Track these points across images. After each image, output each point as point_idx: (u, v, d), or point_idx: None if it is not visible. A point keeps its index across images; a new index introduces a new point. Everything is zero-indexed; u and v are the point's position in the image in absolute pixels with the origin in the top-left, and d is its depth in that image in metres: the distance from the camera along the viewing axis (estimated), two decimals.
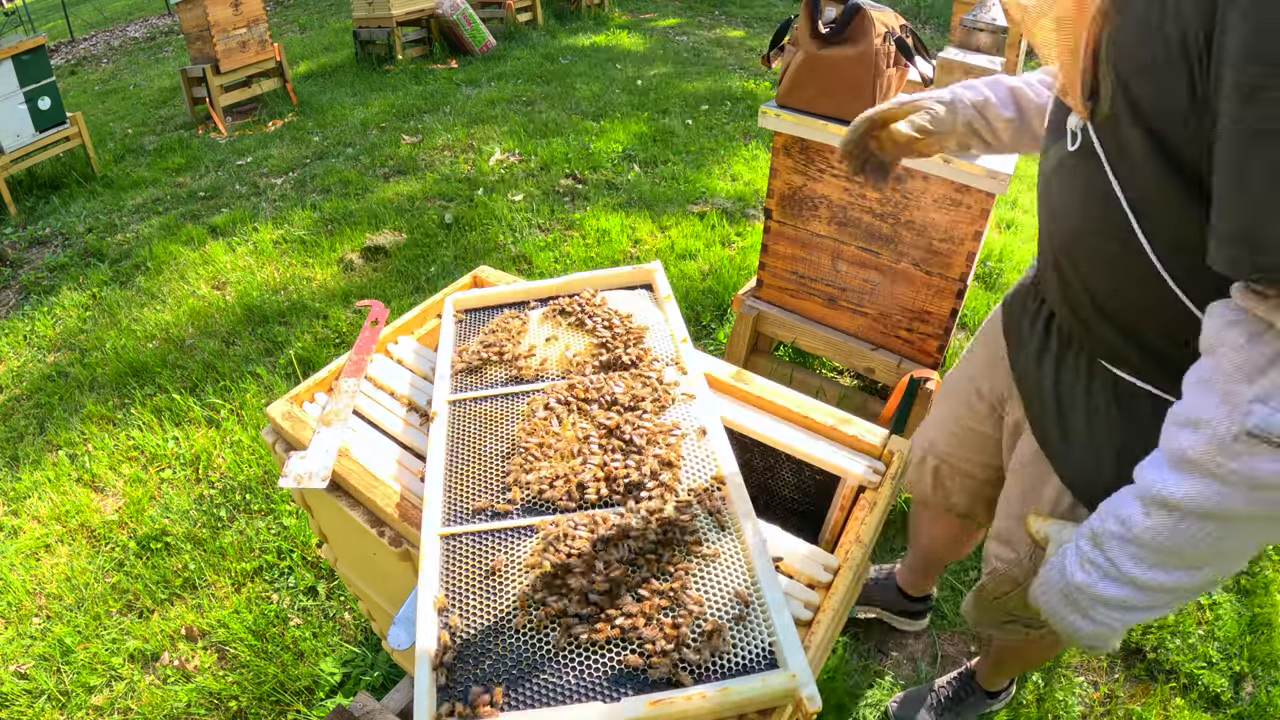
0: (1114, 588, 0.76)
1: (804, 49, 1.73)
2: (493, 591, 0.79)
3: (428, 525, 0.86)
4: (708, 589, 0.76)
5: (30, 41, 3.96)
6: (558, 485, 0.88)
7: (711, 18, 7.75)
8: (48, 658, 1.85)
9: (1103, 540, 0.75)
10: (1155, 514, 0.69)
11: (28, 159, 4.13)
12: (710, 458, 0.90)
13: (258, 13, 5.18)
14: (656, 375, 1.00)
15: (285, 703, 1.72)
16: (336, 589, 1.97)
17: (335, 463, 0.98)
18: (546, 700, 0.69)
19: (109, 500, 2.29)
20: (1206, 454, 0.64)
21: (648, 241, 3.48)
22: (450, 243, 3.50)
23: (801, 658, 0.69)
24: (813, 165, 1.87)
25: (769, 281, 2.13)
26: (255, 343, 2.89)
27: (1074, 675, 1.79)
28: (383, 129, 4.84)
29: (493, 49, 6.36)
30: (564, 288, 1.19)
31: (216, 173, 4.46)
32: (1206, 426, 0.64)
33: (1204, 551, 0.69)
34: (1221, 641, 1.85)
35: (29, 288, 3.40)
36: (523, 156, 4.36)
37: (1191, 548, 0.69)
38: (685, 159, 4.28)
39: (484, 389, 1.04)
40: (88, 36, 8.91)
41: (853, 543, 0.89)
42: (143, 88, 6.42)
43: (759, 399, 1.06)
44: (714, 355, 2.45)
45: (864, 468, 0.97)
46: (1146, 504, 0.70)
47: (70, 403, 2.67)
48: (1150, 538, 0.70)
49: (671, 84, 5.49)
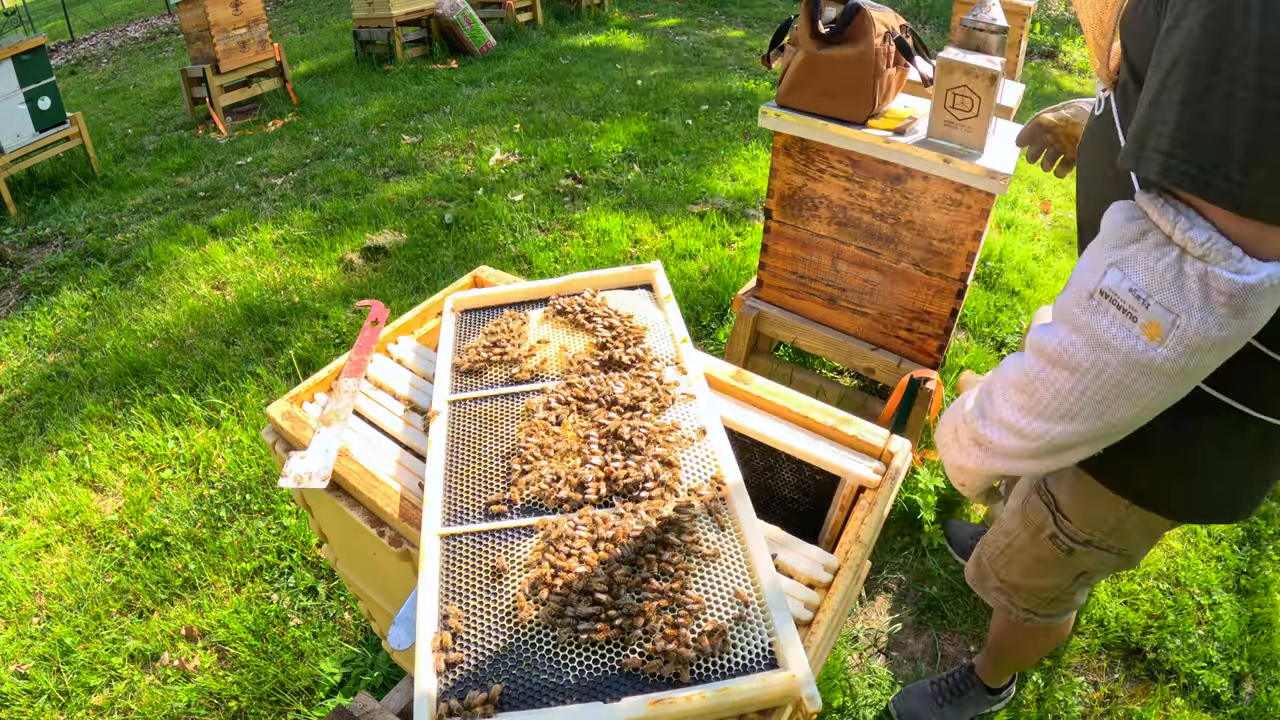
0: (990, 429, 0.85)
1: (804, 49, 1.73)
2: (493, 591, 0.79)
3: (428, 525, 0.86)
4: (708, 589, 0.76)
5: (30, 41, 3.96)
6: (558, 485, 0.88)
7: (711, 18, 7.75)
8: (48, 658, 1.85)
9: (991, 385, 0.86)
10: (1029, 360, 0.79)
11: (28, 159, 4.13)
12: (710, 458, 0.90)
13: (258, 13, 5.18)
14: (656, 375, 1.00)
15: (285, 703, 1.72)
16: (336, 589, 1.97)
17: (335, 463, 0.98)
18: (546, 700, 0.69)
19: (109, 500, 2.29)
20: (1067, 304, 0.74)
21: (648, 241, 3.48)
22: (450, 243, 3.50)
23: (802, 658, 0.69)
24: (813, 165, 1.87)
25: (769, 281, 2.13)
26: (255, 343, 2.89)
27: (1074, 675, 1.79)
28: (383, 129, 4.84)
29: (493, 49, 6.36)
30: (564, 288, 1.18)
31: (216, 173, 4.46)
32: (1074, 283, 0.74)
33: (1064, 404, 0.76)
34: (1221, 641, 1.85)
35: (29, 288, 3.40)
36: (523, 156, 4.36)
37: (1051, 396, 0.77)
38: (685, 159, 4.28)
39: (484, 389, 1.04)
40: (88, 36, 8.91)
41: (853, 543, 0.89)
42: (143, 88, 6.42)
43: (759, 399, 1.06)
44: (714, 355, 2.45)
45: (864, 468, 0.97)
46: (1026, 352, 0.80)
47: (70, 403, 2.67)
48: (1021, 380, 0.79)
49: (671, 84, 5.49)
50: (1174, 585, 1.99)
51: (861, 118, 1.73)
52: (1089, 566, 1.14)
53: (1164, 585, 1.98)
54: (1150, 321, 0.68)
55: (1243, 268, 0.64)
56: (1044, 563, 1.17)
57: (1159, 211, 0.67)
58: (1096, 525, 1.06)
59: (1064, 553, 1.13)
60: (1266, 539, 2.11)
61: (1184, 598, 1.95)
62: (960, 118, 1.60)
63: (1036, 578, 1.21)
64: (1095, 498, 1.04)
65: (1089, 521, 1.07)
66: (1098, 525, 1.06)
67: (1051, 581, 1.19)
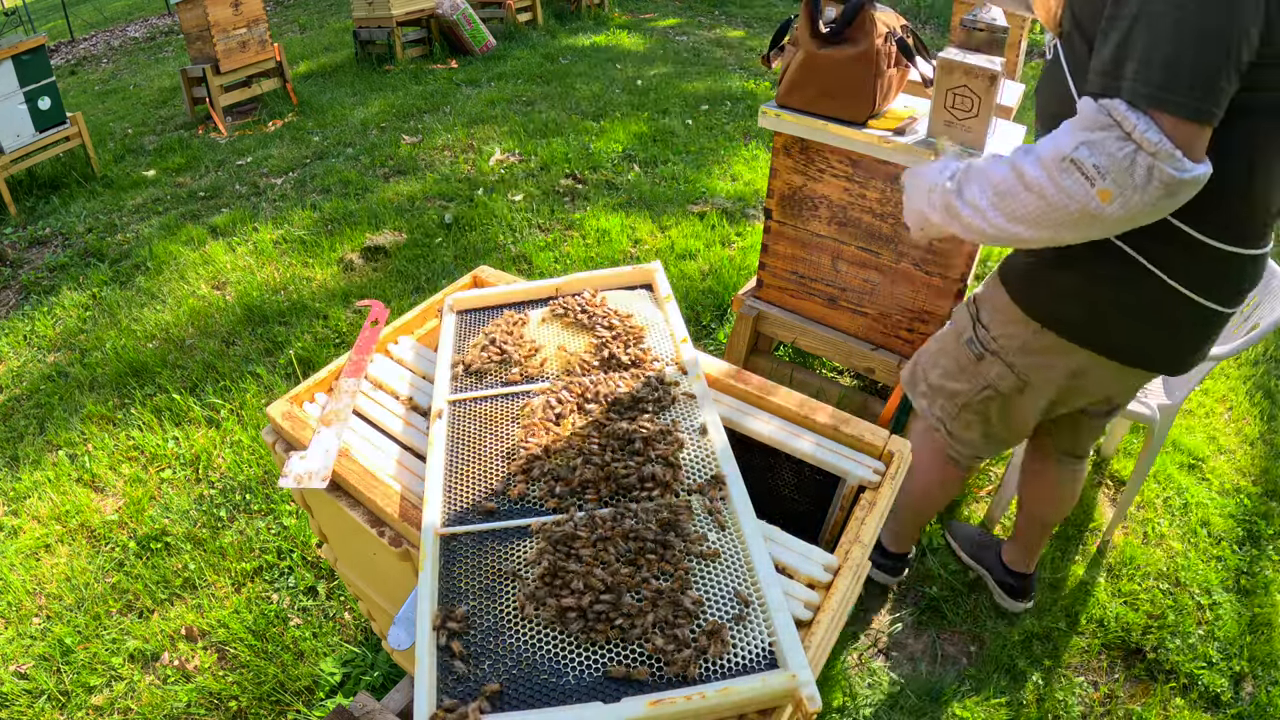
0: (963, 206, 1.11)
1: (804, 49, 1.73)
2: (493, 591, 0.79)
3: (428, 525, 0.86)
4: (708, 589, 0.76)
5: (30, 41, 3.96)
6: (558, 485, 0.88)
7: (711, 18, 7.75)
8: (48, 658, 1.85)
9: (971, 173, 1.11)
10: (1009, 175, 1.03)
11: (28, 159, 4.13)
12: (710, 458, 0.90)
13: (258, 13, 5.18)
14: (656, 375, 1.00)
15: (285, 703, 1.72)
16: (336, 589, 1.97)
17: (335, 463, 0.98)
18: (546, 700, 0.69)
19: (109, 500, 2.29)
20: (1046, 156, 0.98)
21: (648, 241, 3.48)
22: (450, 243, 3.50)
23: (801, 658, 0.69)
24: (813, 165, 1.87)
25: (769, 281, 2.13)
26: (255, 343, 2.89)
27: (1074, 675, 1.79)
28: (383, 129, 4.84)
29: (493, 49, 6.36)
30: (564, 288, 1.19)
31: (216, 173, 4.46)
32: (1054, 142, 0.98)
33: (1027, 217, 1.03)
34: (1221, 641, 1.85)
35: (29, 288, 3.40)
36: (523, 156, 4.36)
37: (1018, 207, 1.03)
38: (685, 159, 4.28)
39: (484, 389, 1.04)
40: (88, 36, 8.91)
41: (853, 543, 0.89)
42: (143, 88, 6.42)
43: (759, 399, 1.06)
44: (714, 355, 2.45)
45: (864, 468, 0.97)
46: (1008, 165, 1.04)
47: (70, 403, 2.67)
48: (1000, 185, 1.05)
49: (671, 84, 5.49)
50: (1174, 585, 1.99)
51: (862, 118, 1.73)
52: (991, 380, 1.38)
53: (1164, 585, 1.98)
54: (1103, 190, 0.94)
55: (1182, 165, 0.90)
56: (960, 367, 1.43)
57: (1123, 114, 0.91)
58: (1007, 338, 1.33)
59: (975, 358, 1.39)
60: (1266, 539, 2.11)
61: (1184, 598, 1.95)
62: (960, 118, 1.60)
63: (952, 380, 1.46)
64: (1010, 316, 1.31)
65: (1001, 334, 1.33)
66: (1008, 339, 1.33)
67: (962, 386, 1.44)
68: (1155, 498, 2.21)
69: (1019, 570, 1.85)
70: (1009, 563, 1.86)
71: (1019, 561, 1.84)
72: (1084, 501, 2.21)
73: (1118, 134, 0.92)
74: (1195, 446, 2.39)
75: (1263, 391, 2.66)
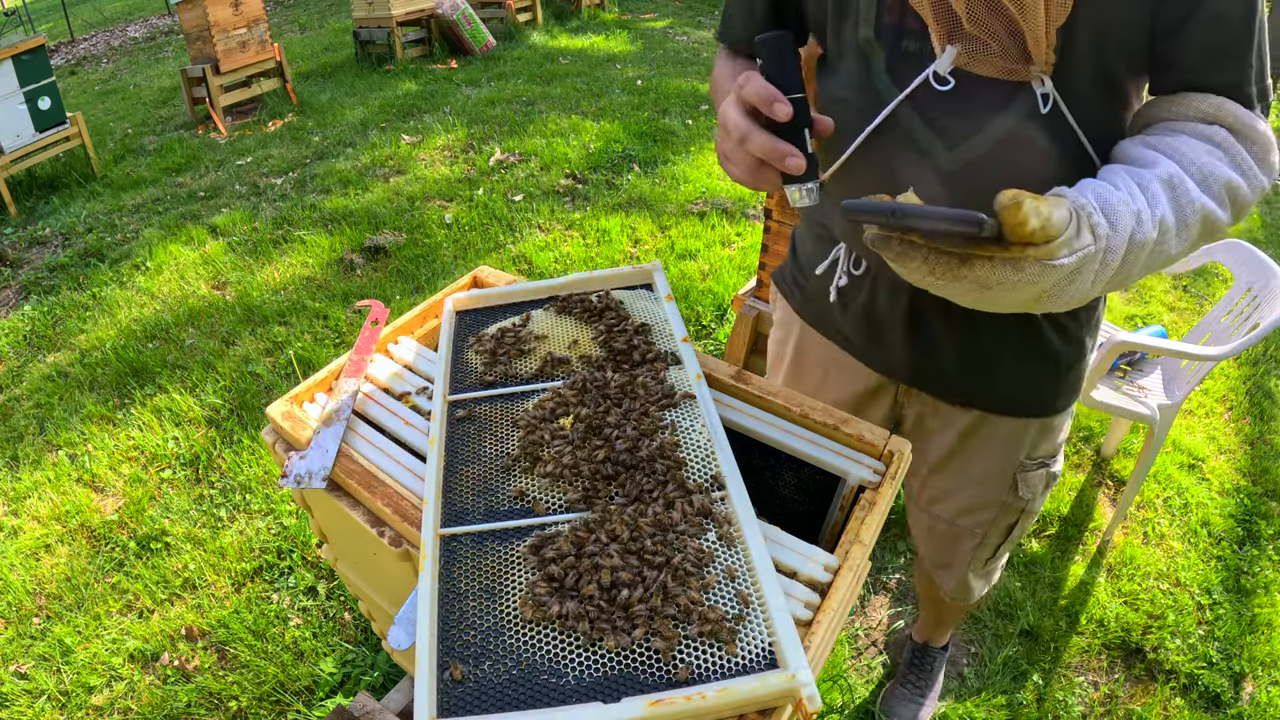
0: (1223, 213, 0.77)
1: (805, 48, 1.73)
2: (493, 592, 0.79)
3: (428, 525, 0.86)
4: (707, 589, 0.76)
5: (30, 41, 3.96)
6: (557, 485, 0.88)
7: (711, 18, 7.75)
8: (48, 658, 1.85)
9: (1191, 185, 0.76)
10: (1205, 199, 0.74)
11: (28, 159, 4.13)
12: (710, 457, 0.90)
13: (258, 13, 5.18)
14: (656, 375, 1.00)
15: (285, 703, 1.72)
16: (336, 589, 1.97)
17: (335, 463, 0.98)
18: (546, 700, 0.69)
19: (109, 500, 2.29)
20: (1246, 196, 0.76)
21: (648, 241, 3.48)
22: (450, 243, 3.50)
23: (801, 658, 0.69)
24: None
25: (769, 281, 2.13)
26: (255, 343, 2.89)
27: (1074, 675, 1.79)
28: (382, 129, 4.84)
29: (493, 49, 6.36)
30: (564, 287, 1.19)
31: (216, 173, 4.46)
32: (1254, 177, 0.76)
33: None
34: (1221, 641, 1.85)
35: (29, 288, 3.40)
36: (523, 156, 4.36)
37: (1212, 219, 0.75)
38: (685, 159, 4.28)
39: (484, 389, 1.04)
40: (88, 36, 8.91)
41: (853, 543, 0.89)
42: (143, 88, 6.42)
43: (759, 399, 1.06)
44: (714, 355, 2.45)
45: (864, 468, 0.97)
46: (1202, 191, 0.74)
47: (70, 403, 2.67)
48: (1217, 197, 0.76)
49: (671, 84, 5.49)
50: (1174, 585, 1.99)
51: None
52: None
53: (1164, 585, 1.98)
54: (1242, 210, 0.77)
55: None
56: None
57: (1263, 130, 0.76)
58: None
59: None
60: (1266, 539, 2.11)
61: (1184, 598, 1.95)
62: None
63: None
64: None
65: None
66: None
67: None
68: (1155, 498, 2.21)
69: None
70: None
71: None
72: (1084, 501, 2.21)
73: (1258, 150, 0.77)
74: (1195, 446, 2.39)
75: (1263, 391, 2.66)
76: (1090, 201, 0.68)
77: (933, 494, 1.20)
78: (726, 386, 1.08)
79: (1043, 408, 1.06)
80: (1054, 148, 0.81)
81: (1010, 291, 0.67)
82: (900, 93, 0.82)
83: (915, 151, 0.84)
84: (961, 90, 0.80)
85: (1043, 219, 0.62)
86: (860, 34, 0.85)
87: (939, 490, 1.19)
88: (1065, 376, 1.04)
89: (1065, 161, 0.82)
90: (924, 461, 1.17)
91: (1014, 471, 1.13)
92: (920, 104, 0.82)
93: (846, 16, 0.87)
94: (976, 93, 0.80)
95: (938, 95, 0.81)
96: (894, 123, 0.84)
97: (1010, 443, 1.10)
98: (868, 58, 0.85)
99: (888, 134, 0.85)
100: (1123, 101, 0.84)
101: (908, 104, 0.83)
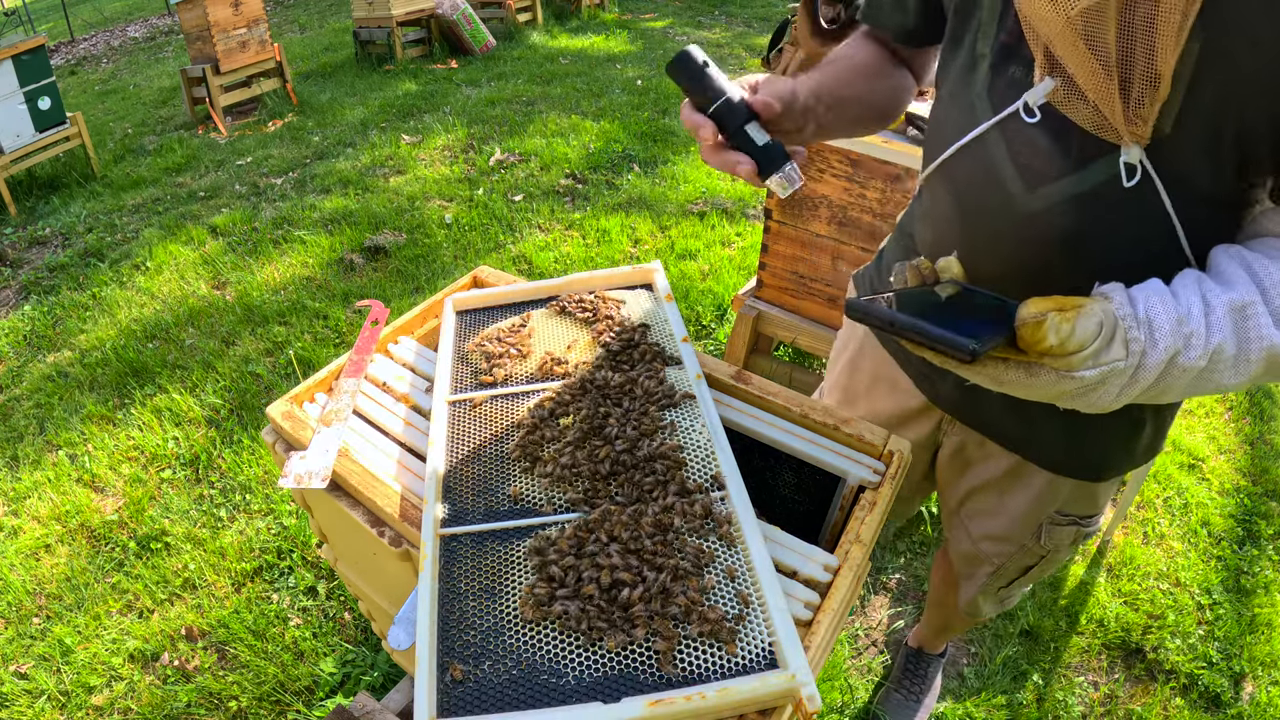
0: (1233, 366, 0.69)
1: (805, 48, 1.73)
2: (493, 592, 0.79)
3: (428, 525, 0.86)
4: (707, 589, 0.76)
5: (30, 41, 3.96)
6: (557, 485, 0.88)
7: (711, 17, 7.75)
8: (48, 658, 1.85)
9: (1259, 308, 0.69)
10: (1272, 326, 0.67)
11: (28, 159, 4.13)
12: (710, 458, 0.90)
13: (258, 13, 5.18)
14: (656, 375, 1.00)
15: (285, 703, 1.72)
16: (336, 589, 1.97)
17: (335, 463, 0.98)
18: (546, 700, 0.69)
19: (109, 500, 2.29)
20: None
21: (648, 241, 3.48)
22: (450, 243, 3.50)
23: (801, 658, 0.69)
24: (813, 165, 1.87)
25: (769, 281, 2.13)
26: (255, 343, 2.89)
27: (1074, 675, 1.79)
28: (382, 129, 4.84)
29: (493, 49, 6.36)
30: (564, 287, 1.19)
31: (216, 173, 4.45)
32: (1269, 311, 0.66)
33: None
34: (1221, 641, 1.85)
35: (29, 288, 3.40)
36: (523, 156, 4.36)
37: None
38: (685, 159, 4.28)
39: (484, 389, 1.04)
40: (88, 36, 8.91)
41: (853, 543, 0.89)
42: (143, 88, 6.42)
43: (759, 399, 1.06)
44: (714, 355, 2.45)
45: (864, 468, 0.97)
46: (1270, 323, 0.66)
47: (70, 403, 2.67)
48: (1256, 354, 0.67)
49: (671, 84, 5.48)
50: (1174, 585, 1.99)
51: None
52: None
53: (1164, 585, 1.98)
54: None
55: None
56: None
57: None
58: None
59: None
60: (1266, 539, 2.11)
61: (1184, 598, 1.95)
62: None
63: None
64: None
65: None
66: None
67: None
68: (1155, 498, 2.21)
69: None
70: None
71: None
72: None
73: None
74: (1195, 446, 2.39)
75: (1263, 391, 2.66)
76: (1135, 312, 0.63)
77: (969, 510, 1.19)
78: (726, 386, 1.08)
79: (1087, 472, 1.02)
80: (1136, 226, 0.72)
81: (1025, 391, 0.65)
82: (994, 116, 0.78)
83: (997, 181, 0.79)
84: (1048, 127, 0.74)
85: (1062, 337, 0.59)
86: (976, 47, 0.82)
87: (973, 509, 1.18)
88: (1120, 447, 0.98)
89: (1148, 244, 0.73)
90: (962, 481, 1.15)
91: (1041, 521, 1.11)
92: (1009, 133, 0.77)
93: (969, 26, 0.83)
94: (1063, 137, 0.73)
95: (1026, 127, 0.75)
96: (982, 146, 0.80)
97: (1044, 494, 1.06)
98: (973, 71, 0.82)
99: (973, 155, 0.81)
100: (1234, 197, 0.72)
101: (998, 130, 0.78)
